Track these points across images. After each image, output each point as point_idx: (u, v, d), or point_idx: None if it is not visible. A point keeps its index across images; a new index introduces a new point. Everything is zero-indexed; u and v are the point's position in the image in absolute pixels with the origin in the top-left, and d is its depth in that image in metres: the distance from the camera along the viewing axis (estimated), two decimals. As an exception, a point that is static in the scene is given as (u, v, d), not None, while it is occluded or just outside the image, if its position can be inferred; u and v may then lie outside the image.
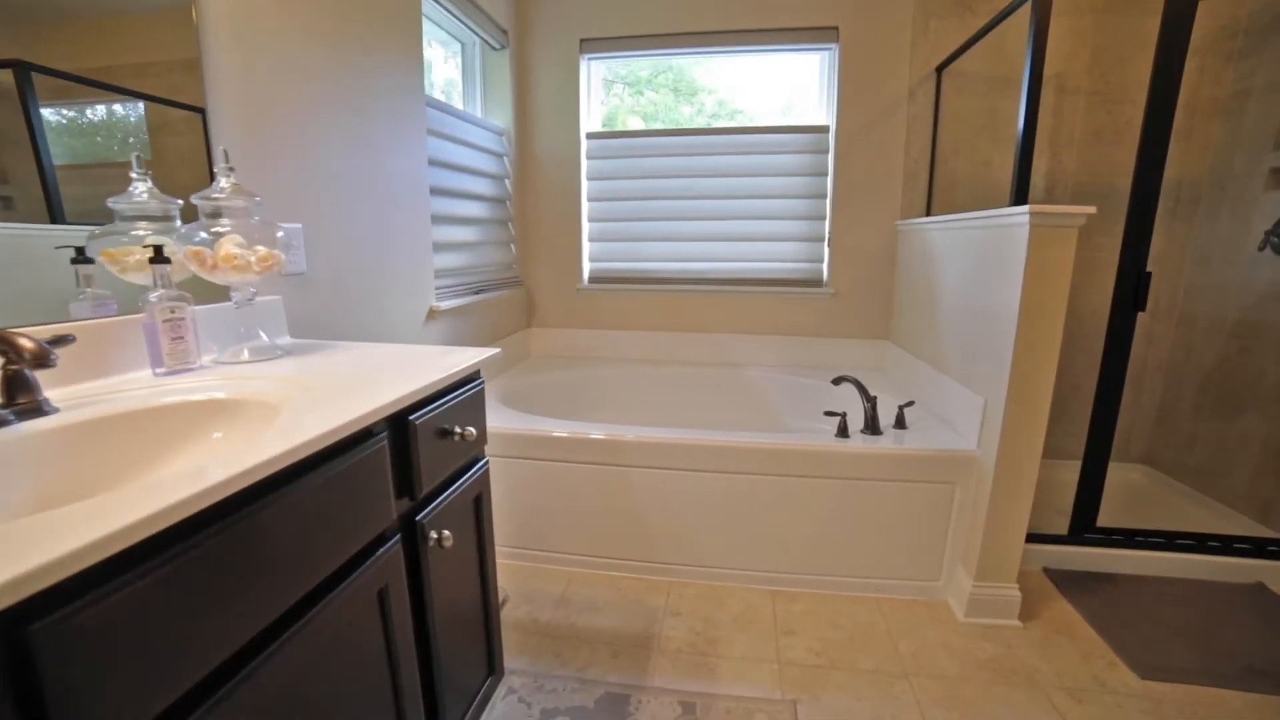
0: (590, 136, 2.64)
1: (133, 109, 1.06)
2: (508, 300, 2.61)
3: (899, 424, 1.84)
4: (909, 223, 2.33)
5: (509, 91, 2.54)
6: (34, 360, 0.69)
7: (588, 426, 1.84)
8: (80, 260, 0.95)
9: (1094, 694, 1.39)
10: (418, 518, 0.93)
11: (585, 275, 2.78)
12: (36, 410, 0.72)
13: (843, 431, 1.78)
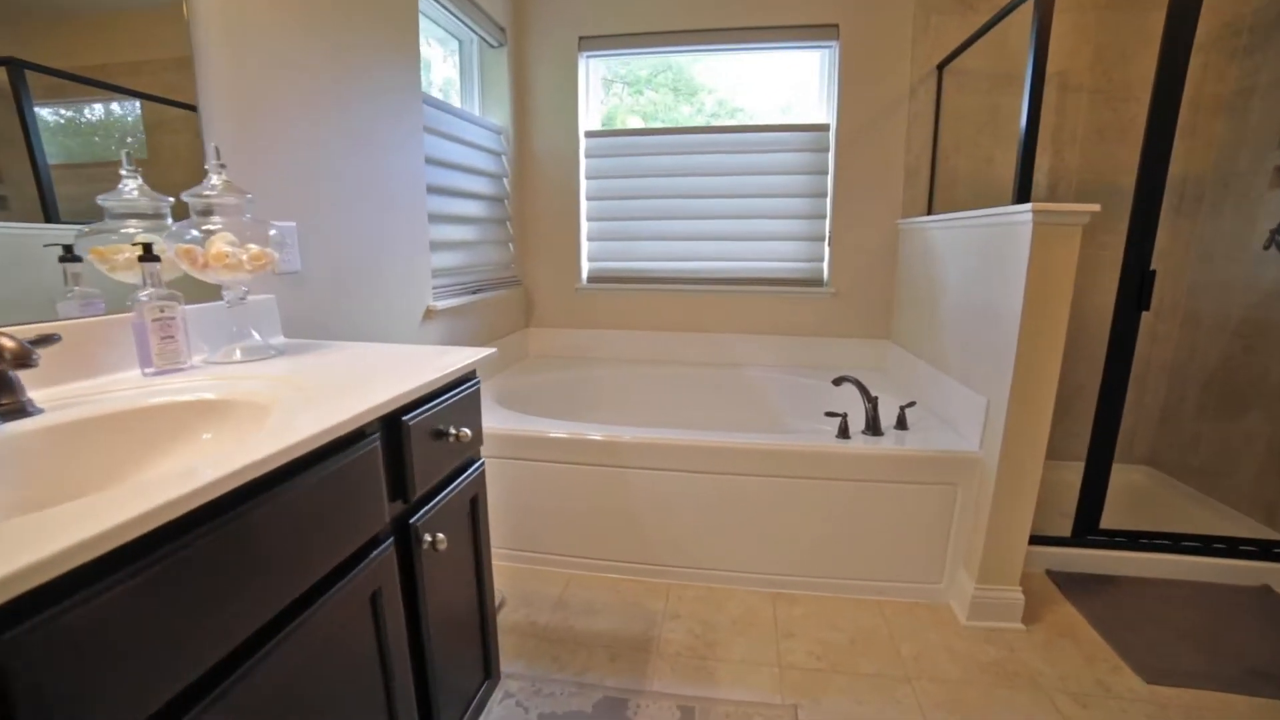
0: (589, 135, 2.62)
1: (129, 108, 1.05)
2: (506, 300, 2.59)
3: (900, 425, 1.82)
4: (910, 221, 2.32)
5: (507, 90, 2.52)
6: (15, 360, 0.68)
7: (586, 427, 1.82)
8: (68, 259, 0.93)
9: (1099, 698, 1.37)
10: (411, 520, 0.91)
11: (584, 275, 2.76)
12: (19, 411, 0.70)
13: (844, 432, 1.76)
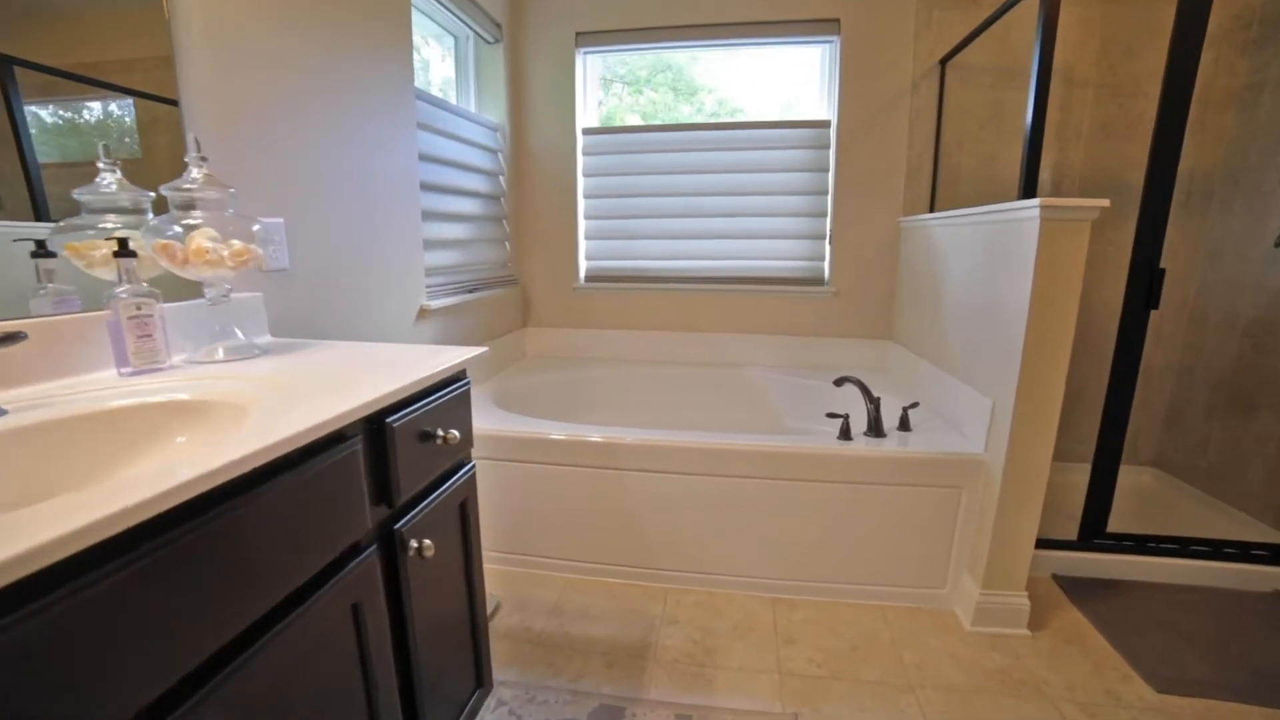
0: (586, 132, 2.59)
1: (124, 106, 1.03)
2: (502, 299, 2.56)
3: (903, 426, 1.79)
4: (912, 219, 2.28)
5: (503, 86, 2.49)
6: (-27, 359, 0.64)
7: (584, 428, 1.78)
8: (41, 254, 0.90)
9: (1107, 708, 1.33)
10: (396, 526, 0.88)
11: (581, 274, 2.73)
12: (-20, 413, 0.67)
13: (845, 434, 1.73)
